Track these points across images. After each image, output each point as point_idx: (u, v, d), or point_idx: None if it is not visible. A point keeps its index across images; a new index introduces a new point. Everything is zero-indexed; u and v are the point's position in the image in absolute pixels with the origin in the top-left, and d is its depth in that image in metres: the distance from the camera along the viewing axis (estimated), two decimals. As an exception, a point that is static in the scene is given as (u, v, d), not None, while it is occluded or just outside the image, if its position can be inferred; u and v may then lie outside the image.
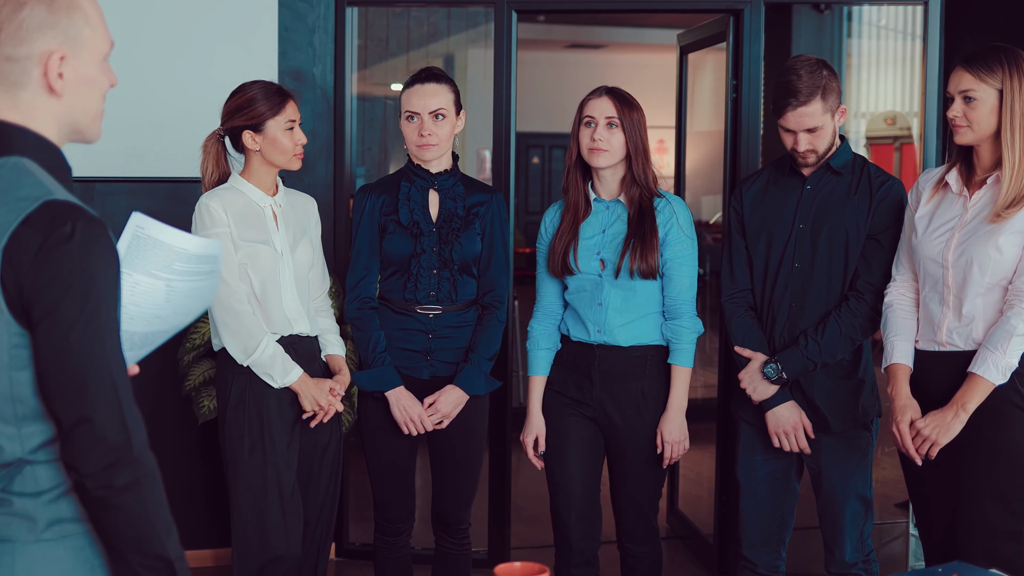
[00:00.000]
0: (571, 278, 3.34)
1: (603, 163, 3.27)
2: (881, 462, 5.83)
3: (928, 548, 3.14)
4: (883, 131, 10.59)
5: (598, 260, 3.30)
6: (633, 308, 3.30)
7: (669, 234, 3.29)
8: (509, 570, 2.07)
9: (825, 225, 3.24)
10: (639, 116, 3.31)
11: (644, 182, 3.29)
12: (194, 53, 4.48)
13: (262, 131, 3.30)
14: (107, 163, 4.43)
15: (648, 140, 3.33)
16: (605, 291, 3.30)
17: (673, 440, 3.32)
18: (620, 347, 3.31)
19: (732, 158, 4.63)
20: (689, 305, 3.33)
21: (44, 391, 1.66)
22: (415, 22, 9.06)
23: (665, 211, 3.31)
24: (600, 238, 3.32)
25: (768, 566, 3.39)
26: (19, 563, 1.69)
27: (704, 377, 7.14)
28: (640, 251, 3.24)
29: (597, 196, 3.35)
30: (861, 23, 9.22)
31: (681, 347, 3.33)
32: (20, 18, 1.71)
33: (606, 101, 3.29)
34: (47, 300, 1.62)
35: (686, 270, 3.31)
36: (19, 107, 1.73)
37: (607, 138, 3.26)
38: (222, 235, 3.24)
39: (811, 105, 3.16)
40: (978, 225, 2.94)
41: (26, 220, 1.62)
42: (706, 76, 7.88)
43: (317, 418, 3.32)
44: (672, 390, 3.33)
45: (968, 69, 2.92)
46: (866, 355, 3.34)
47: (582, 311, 3.34)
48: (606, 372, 3.32)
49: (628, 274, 3.26)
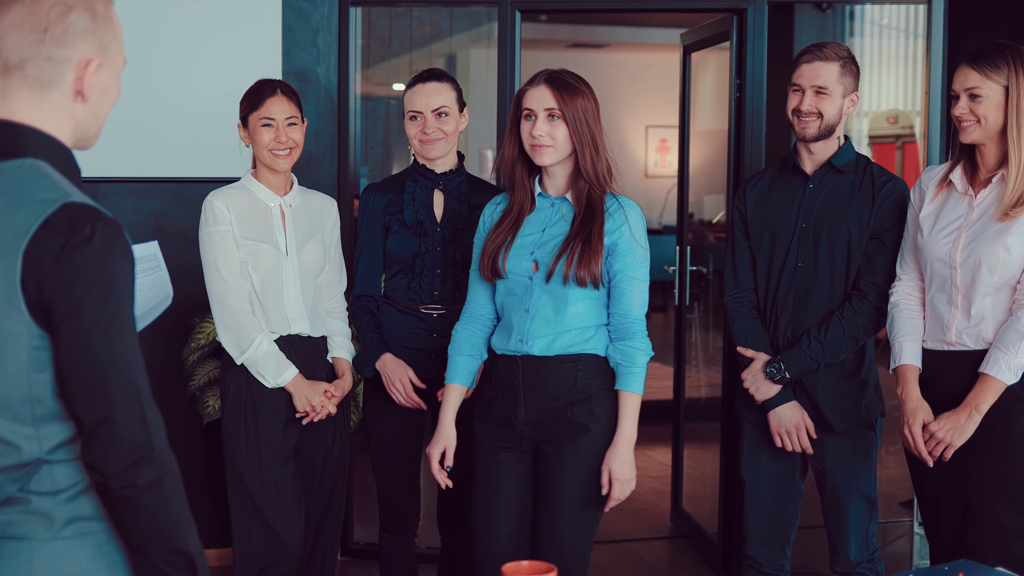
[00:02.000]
0: (500, 281, 2.97)
1: (548, 160, 2.90)
2: (885, 461, 5.83)
3: (934, 547, 3.14)
4: (885, 130, 10.58)
5: (531, 261, 2.92)
6: (565, 320, 2.89)
7: (619, 243, 2.90)
8: (517, 569, 2.07)
9: (828, 224, 3.24)
10: (585, 102, 2.91)
11: (594, 177, 2.91)
12: (198, 53, 4.48)
13: (248, 126, 3.34)
14: (112, 163, 4.43)
15: (599, 129, 2.95)
16: (535, 297, 2.90)
17: (623, 478, 2.87)
18: (544, 358, 2.90)
19: (735, 157, 4.63)
20: (640, 324, 2.93)
21: (66, 392, 1.67)
22: (417, 22, 9.07)
23: (616, 216, 2.91)
24: (537, 237, 2.94)
25: (773, 565, 3.39)
26: (37, 561, 1.71)
27: (708, 377, 7.14)
28: (580, 255, 2.85)
29: (543, 191, 2.99)
30: (863, 22, 9.21)
31: (632, 372, 2.91)
32: (68, 22, 1.73)
33: (544, 91, 2.89)
34: (69, 302, 1.64)
35: (637, 284, 2.93)
36: (42, 107, 1.75)
37: (549, 132, 2.88)
38: (223, 232, 3.27)
39: (829, 64, 3.20)
40: (985, 224, 2.93)
41: (46, 223, 1.64)
42: (708, 75, 7.87)
43: (309, 418, 3.33)
44: (621, 421, 2.90)
45: (973, 66, 2.92)
46: (869, 354, 3.33)
47: (509, 318, 2.96)
48: (530, 387, 2.91)
49: (562, 279, 2.86)
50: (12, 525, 1.71)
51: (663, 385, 7.89)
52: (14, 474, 1.70)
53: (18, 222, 1.65)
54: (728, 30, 4.67)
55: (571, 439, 2.88)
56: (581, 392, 2.90)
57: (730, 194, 4.61)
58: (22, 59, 1.72)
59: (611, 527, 5.21)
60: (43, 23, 1.72)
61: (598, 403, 2.90)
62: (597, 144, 2.93)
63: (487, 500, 2.97)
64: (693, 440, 5.52)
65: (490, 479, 2.97)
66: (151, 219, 4.53)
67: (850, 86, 3.23)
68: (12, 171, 1.70)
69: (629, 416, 2.90)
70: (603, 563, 4.73)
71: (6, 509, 1.71)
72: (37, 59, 1.72)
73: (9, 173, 1.70)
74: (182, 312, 4.12)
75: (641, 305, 2.94)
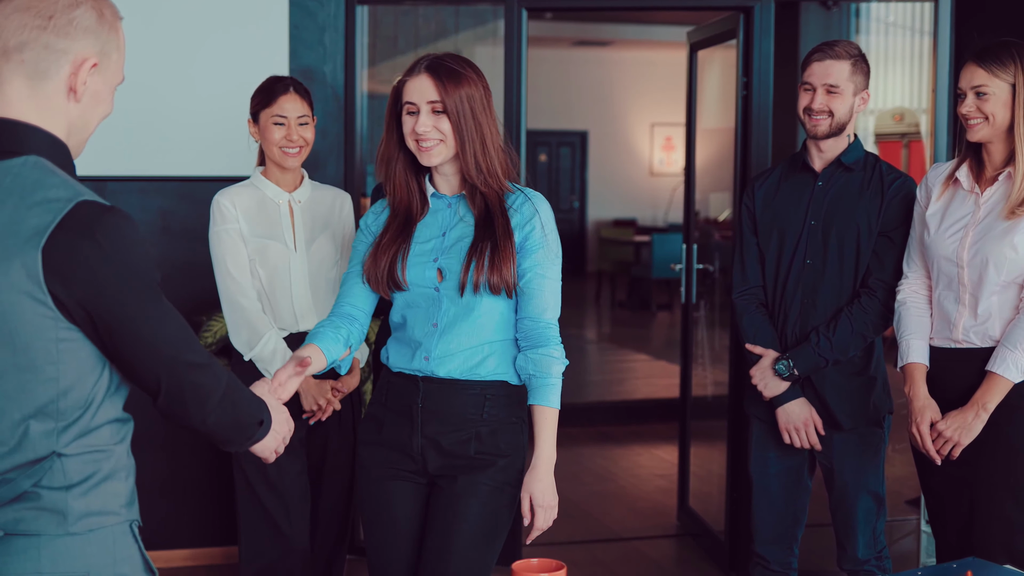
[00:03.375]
0: (399, 294, 2.62)
1: (438, 159, 2.56)
2: (892, 459, 5.82)
3: (942, 545, 3.14)
4: (891, 128, 10.57)
5: (435, 269, 2.58)
6: (477, 333, 2.57)
7: (528, 239, 2.58)
8: (527, 567, 2.07)
9: (837, 221, 3.25)
10: (472, 90, 2.54)
11: (485, 177, 2.56)
12: (204, 52, 4.49)
13: (258, 122, 3.34)
14: (118, 162, 4.44)
15: (489, 119, 2.57)
16: (443, 309, 2.57)
17: (546, 504, 2.55)
18: (450, 382, 2.57)
19: (742, 155, 4.63)
20: (553, 329, 2.60)
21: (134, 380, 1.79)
22: (423, 20, 9.07)
23: (523, 210, 2.59)
24: (438, 242, 2.60)
25: (781, 563, 3.39)
26: (44, 557, 1.71)
27: (714, 375, 7.14)
28: (491, 260, 2.53)
29: (436, 191, 2.64)
30: (869, 19, 9.20)
31: (547, 383, 2.57)
32: (73, 15, 1.75)
33: (426, 81, 2.52)
34: (109, 302, 1.69)
35: (549, 284, 2.59)
36: (37, 97, 1.76)
37: (434, 127, 2.53)
38: (231, 231, 3.28)
39: (841, 63, 3.20)
40: (992, 222, 2.93)
41: (63, 222, 1.66)
42: (713, 73, 7.86)
43: (315, 417, 3.33)
44: (538, 440, 2.57)
45: (980, 64, 2.92)
46: (878, 352, 3.34)
47: (412, 332, 2.61)
48: (431, 413, 2.58)
49: (473, 288, 2.54)
50: (23, 522, 1.72)
51: (670, 383, 7.91)
52: (29, 470, 1.71)
53: (33, 221, 1.66)
54: (735, 28, 4.67)
55: (471, 474, 2.56)
56: (487, 424, 2.58)
57: (737, 192, 4.61)
58: (21, 43, 1.73)
59: (618, 525, 5.21)
60: (49, 11, 1.74)
61: (504, 436, 2.59)
62: (485, 139, 2.55)
63: (380, 537, 2.64)
64: (700, 438, 5.53)
65: (382, 513, 2.63)
66: (158, 217, 4.53)
67: (861, 84, 3.24)
68: (18, 168, 1.71)
69: (547, 434, 2.56)
70: (609, 561, 4.74)
71: (17, 505, 1.72)
72: (36, 45, 1.74)
73: (15, 171, 1.71)
74: (190, 311, 4.13)
75: (554, 308, 2.61)
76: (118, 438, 1.79)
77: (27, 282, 1.66)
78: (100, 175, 4.37)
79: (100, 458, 1.75)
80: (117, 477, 1.78)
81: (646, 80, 14.72)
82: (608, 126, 15.18)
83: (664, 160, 15.20)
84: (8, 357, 1.69)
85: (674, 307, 12.32)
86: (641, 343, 10.80)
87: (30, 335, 1.68)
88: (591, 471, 6.21)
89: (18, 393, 1.70)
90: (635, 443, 6.91)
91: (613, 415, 7.57)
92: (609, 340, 11.15)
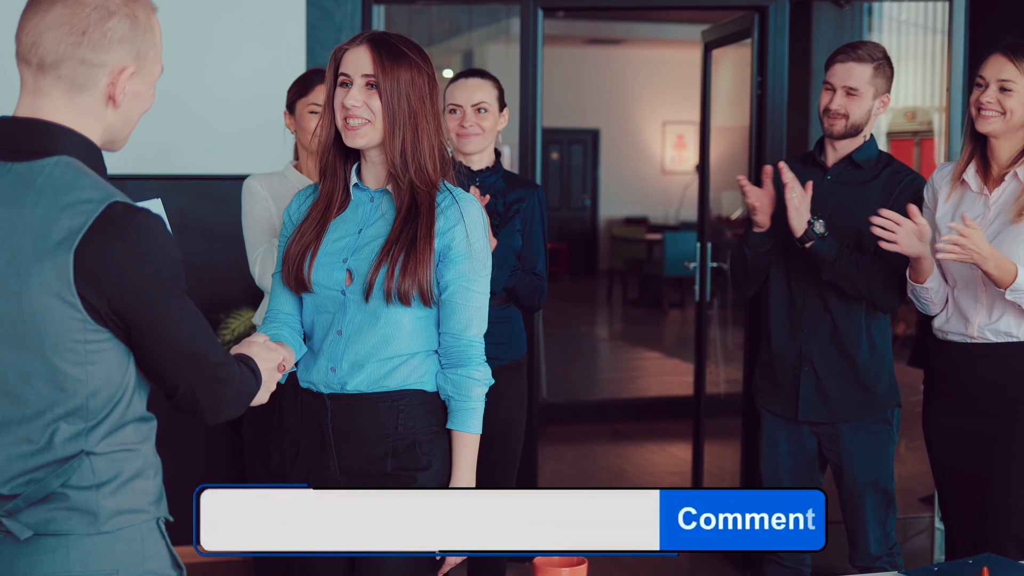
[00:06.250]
0: (308, 296, 2.38)
1: (363, 140, 2.31)
2: (904, 457, 5.83)
3: (954, 539, 3.15)
4: (903, 126, 10.56)
5: (344, 270, 2.33)
6: (387, 345, 2.32)
7: (452, 247, 2.31)
8: (548, 561, 2.09)
9: (844, 214, 3.26)
10: (413, 74, 2.30)
11: (411, 173, 2.31)
12: (222, 52, 4.51)
13: (294, 113, 3.36)
14: (137, 160, 4.45)
15: (427, 110, 2.32)
16: (349, 316, 2.33)
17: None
18: (359, 396, 2.33)
19: (757, 154, 4.64)
20: (477, 347, 2.36)
21: (154, 378, 1.80)
22: (436, 18, 9.09)
23: (448, 214, 2.32)
24: (351, 240, 2.35)
25: (794, 559, 3.41)
26: (74, 555, 1.72)
27: (727, 373, 7.15)
28: (405, 263, 2.27)
29: (359, 182, 2.39)
30: (882, 18, 9.19)
31: (466, 407, 2.35)
32: (107, 27, 1.75)
33: (364, 52, 2.29)
34: (139, 305, 1.71)
35: (475, 298, 2.34)
36: (74, 109, 1.77)
37: (364, 103, 2.28)
38: (263, 207, 3.28)
39: (863, 66, 3.20)
40: (1002, 225, 2.95)
41: (95, 224, 1.67)
42: (725, 72, 7.86)
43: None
44: (455, 469, 2.36)
45: (1012, 58, 2.92)
46: (885, 342, 3.34)
47: (320, 341, 2.38)
48: (342, 435, 2.36)
49: (383, 295, 2.28)
50: (54, 522, 1.72)
51: (682, 380, 7.92)
52: (59, 468, 1.72)
53: (66, 222, 1.68)
54: (750, 27, 4.69)
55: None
56: (404, 437, 2.33)
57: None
58: (57, 59, 1.74)
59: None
60: (82, 26, 1.73)
61: (425, 448, 2.34)
62: (419, 129, 2.30)
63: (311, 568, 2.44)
64: (713, 436, 5.53)
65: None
66: (176, 216, 4.56)
67: (882, 87, 3.25)
68: (50, 169, 1.72)
69: (465, 462, 2.35)
70: (626, 559, 4.75)
71: (47, 506, 1.72)
72: (72, 61, 1.74)
73: (47, 171, 1.72)
74: (208, 309, 4.15)
75: (479, 324, 2.36)
76: (143, 436, 1.80)
77: (57, 284, 1.67)
78: (119, 174, 4.38)
79: (128, 456, 1.77)
80: (145, 475, 1.80)
81: (658, 78, 14.72)
82: (620, 124, 15.18)
83: (676, 158, 15.19)
84: (38, 358, 1.70)
85: (686, 305, 12.32)
86: (653, 341, 10.80)
87: (59, 336, 1.69)
88: (605, 469, 6.22)
89: (48, 394, 1.71)
90: (648, 441, 6.92)
91: (626, 413, 7.57)
92: (621, 338, 11.16)
